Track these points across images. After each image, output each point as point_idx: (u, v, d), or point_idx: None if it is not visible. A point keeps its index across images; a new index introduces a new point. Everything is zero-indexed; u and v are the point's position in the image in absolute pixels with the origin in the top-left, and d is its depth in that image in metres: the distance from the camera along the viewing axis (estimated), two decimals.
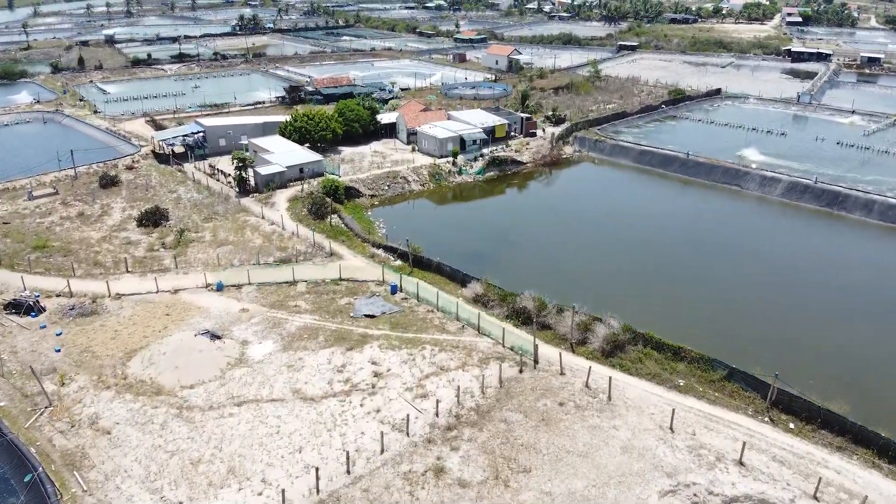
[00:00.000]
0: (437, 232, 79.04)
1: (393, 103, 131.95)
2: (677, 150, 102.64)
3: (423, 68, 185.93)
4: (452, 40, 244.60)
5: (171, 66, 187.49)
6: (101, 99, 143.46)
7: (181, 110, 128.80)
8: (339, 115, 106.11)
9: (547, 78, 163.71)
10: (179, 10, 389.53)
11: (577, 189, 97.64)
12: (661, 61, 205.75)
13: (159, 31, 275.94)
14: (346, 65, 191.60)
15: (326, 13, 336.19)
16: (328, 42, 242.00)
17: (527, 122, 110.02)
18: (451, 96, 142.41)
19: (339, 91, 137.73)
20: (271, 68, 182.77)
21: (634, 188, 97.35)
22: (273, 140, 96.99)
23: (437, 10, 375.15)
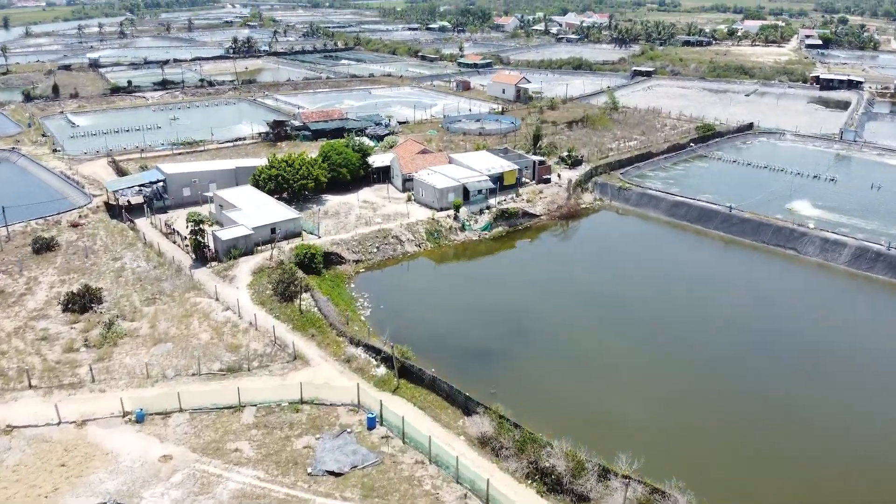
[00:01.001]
0: (433, 314, 64.37)
1: (389, 140, 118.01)
2: (717, 203, 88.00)
3: (424, 97, 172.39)
4: (456, 65, 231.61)
5: (154, 93, 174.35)
6: (68, 133, 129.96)
7: (150, 148, 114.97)
8: (324, 158, 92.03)
9: (558, 109, 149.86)
10: (176, 30, 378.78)
11: (602, 251, 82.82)
12: (680, 88, 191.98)
13: (150, 53, 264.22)
14: (341, 92, 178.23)
15: (326, 35, 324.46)
16: (325, 66, 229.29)
17: (540, 167, 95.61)
18: (453, 131, 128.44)
19: (330, 126, 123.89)
20: (260, 96, 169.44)
21: (668, 249, 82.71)
22: (243, 192, 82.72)
23: (441, 31, 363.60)
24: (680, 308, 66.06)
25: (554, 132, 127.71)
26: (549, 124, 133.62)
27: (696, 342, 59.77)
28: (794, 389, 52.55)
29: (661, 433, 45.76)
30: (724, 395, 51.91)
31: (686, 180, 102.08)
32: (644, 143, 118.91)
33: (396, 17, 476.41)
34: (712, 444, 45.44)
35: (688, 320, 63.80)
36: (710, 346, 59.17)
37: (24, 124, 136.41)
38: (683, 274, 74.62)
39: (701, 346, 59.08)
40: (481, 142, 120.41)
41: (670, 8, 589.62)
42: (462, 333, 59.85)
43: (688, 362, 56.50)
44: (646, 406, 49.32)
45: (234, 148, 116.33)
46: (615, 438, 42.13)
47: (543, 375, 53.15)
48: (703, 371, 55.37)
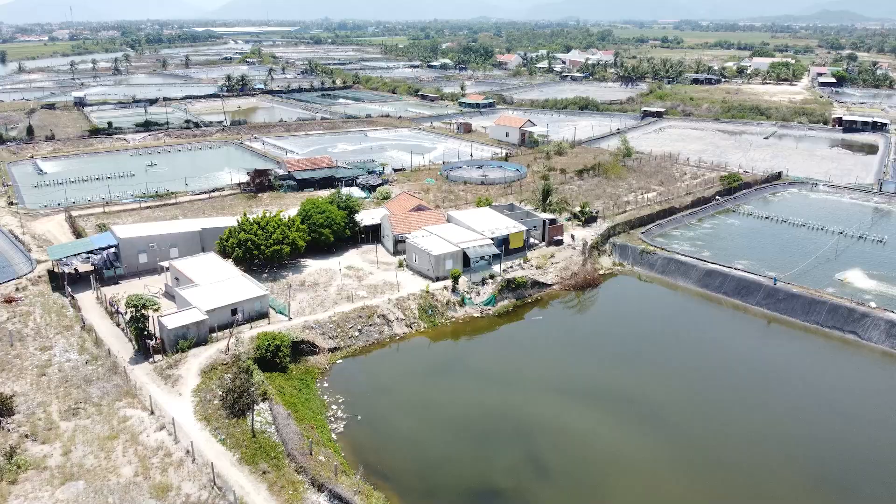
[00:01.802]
0: (423, 431, 51.82)
1: (382, 191, 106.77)
2: (758, 273, 75.96)
3: (423, 139, 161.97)
4: (457, 104, 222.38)
5: (136, 135, 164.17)
6: (33, 182, 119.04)
7: (117, 201, 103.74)
8: (304, 218, 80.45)
9: (567, 155, 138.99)
10: (173, 67, 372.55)
11: (625, 331, 70.44)
12: (693, 130, 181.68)
13: (141, 91, 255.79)
14: (335, 135, 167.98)
15: (325, 72, 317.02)
16: (321, 106, 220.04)
17: (550, 227, 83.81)
18: (453, 179, 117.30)
19: (318, 175, 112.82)
20: (249, 139, 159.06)
21: (704, 330, 70.50)
22: (205, 262, 70.95)
23: (443, 69, 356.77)
24: (723, 412, 53.63)
25: (563, 181, 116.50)
26: (557, 172, 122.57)
27: (747, 467, 47.20)
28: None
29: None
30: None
31: (716, 241, 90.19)
32: (664, 195, 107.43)
33: (398, 54, 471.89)
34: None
35: (735, 433, 51.28)
36: (764, 473, 46.61)
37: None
38: (723, 361, 62.23)
39: (753, 472, 46.51)
40: (484, 193, 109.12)
41: (673, 45, 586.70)
42: (460, 461, 47.33)
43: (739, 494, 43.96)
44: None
45: (210, 201, 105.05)
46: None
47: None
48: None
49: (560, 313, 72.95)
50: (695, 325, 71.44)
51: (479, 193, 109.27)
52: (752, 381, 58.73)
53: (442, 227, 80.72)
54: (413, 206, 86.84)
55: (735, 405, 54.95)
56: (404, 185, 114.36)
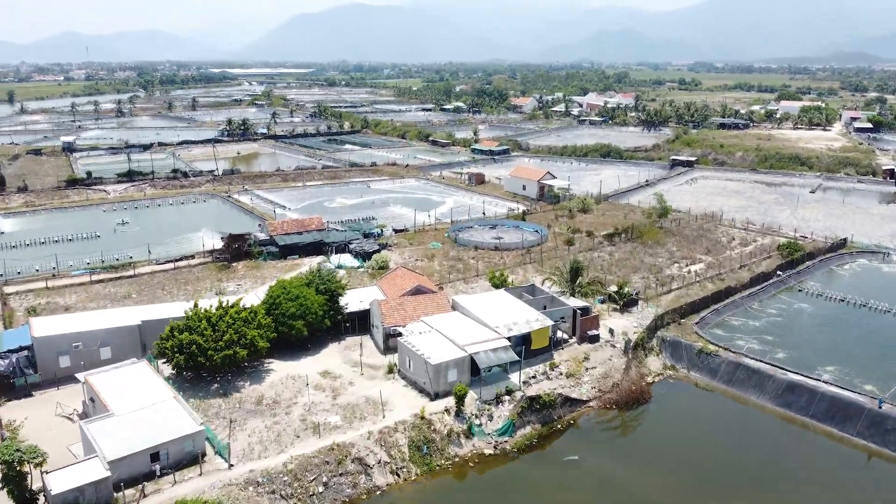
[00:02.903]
0: None
1: (379, 259, 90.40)
2: (856, 391, 58.15)
3: (430, 191, 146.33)
4: (469, 151, 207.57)
5: (117, 186, 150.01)
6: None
7: (65, 273, 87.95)
8: (271, 308, 63.94)
9: (592, 212, 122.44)
10: (181, 108, 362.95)
11: (688, 473, 52.56)
12: (728, 181, 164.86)
13: (139, 135, 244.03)
14: (336, 186, 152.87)
15: (333, 116, 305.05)
16: (326, 152, 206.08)
17: (583, 319, 66.51)
18: (462, 244, 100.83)
19: (305, 240, 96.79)
20: (239, 191, 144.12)
21: (787, 467, 52.44)
22: (130, 375, 54.34)
23: (456, 112, 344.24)
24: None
25: (590, 247, 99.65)
26: (583, 235, 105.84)
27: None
28: None
29: None
30: None
31: (788, 335, 72.47)
32: (713, 268, 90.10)
33: (411, 97, 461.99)
34: None
35: None
36: None
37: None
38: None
39: None
40: (498, 261, 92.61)
41: (691, 87, 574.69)
42: None
43: None
44: None
45: (175, 273, 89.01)
46: None
47: None
48: None
49: (601, 447, 55.18)
50: (775, 459, 53.44)
51: (493, 262, 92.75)
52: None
53: (445, 319, 63.85)
54: (410, 288, 70.13)
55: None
56: (405, 251, 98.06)
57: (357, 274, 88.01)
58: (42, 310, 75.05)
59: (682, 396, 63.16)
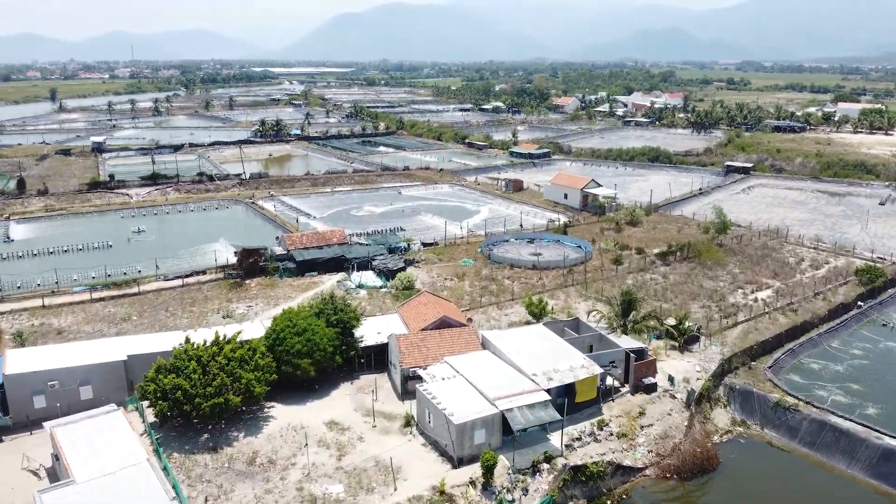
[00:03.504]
0: None
1: (404, 277, 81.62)
2: None
3: (464, 199, 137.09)
4: (508, 154, 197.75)
5: (140, 189, 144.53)
6: None
7: (65, 289, 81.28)
8: (274, 343, 55.60)
9: (642, 225, 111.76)
10: (219, 108, 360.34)
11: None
12: (788, 190, 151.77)
13: (172, 135, 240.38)
14: (365, 193, 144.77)
15: (369, 116, 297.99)
16: (358, 154, 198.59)
17: (638, 364, 56.39)
18: (496, 261, 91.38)
19: (325, 255, 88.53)
20: (264, 197, 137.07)
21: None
22: (102, 429, 46.34)
23: (495, 112, 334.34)
24: None
25: (641, 267, 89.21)
26: (632, 252, 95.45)
27: None
28: None
29: None
30: None
31: (879, 383, 61.35)
32: (783, 295, 78.88)
33: (449, 97, 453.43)
34: None
35: None
36: None
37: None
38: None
39: None
40: (536, 281, 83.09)
41: (740, 87, 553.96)
42: None
43: None
44: None
45: (182, 291, 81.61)
46: None
47: None
48: None
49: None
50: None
51: (530, 283, 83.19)
52: None
53: (473, 361, 54.61)
54: (435, 319, 61.03)
55: None
56: (434, 268, 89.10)
57: (379, 295, 79.41)
58: (33, 333, 68.29)
59: (755, 460, 52.71)
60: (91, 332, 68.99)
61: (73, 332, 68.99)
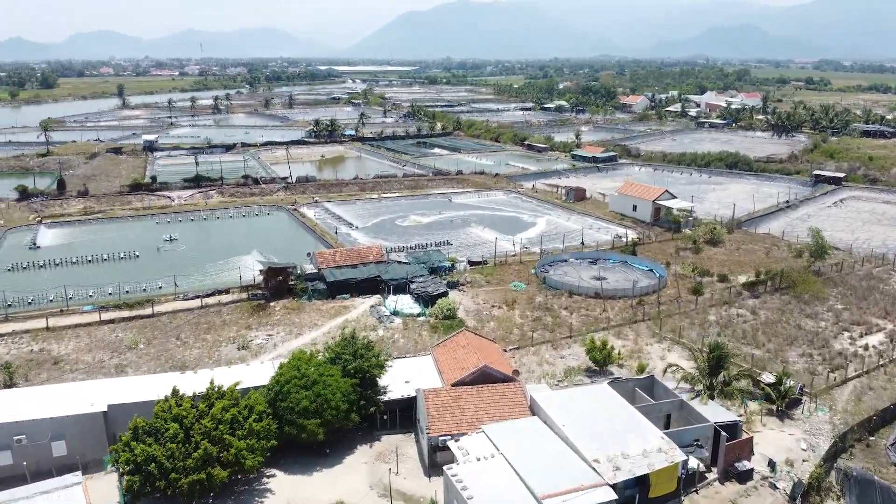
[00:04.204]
0: None
1: (444, 305, 71.33)
2: None
3: (520, 209, 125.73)
4: (570, 157, 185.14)
5: (182, 192, 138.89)
6: (16, 260, 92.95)
7: (74, 308, 74.25)
8: (277, 398, 46.10)
9: (723, 245, 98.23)
10: (280, 106, 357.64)
11: None
12: (887, 205, 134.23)
13: (228, 133, 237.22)
14: (413, 199, 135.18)
15: (426, 116, 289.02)
16: (411, 156, 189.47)
17: (730, 445, 44.19)
18: (552, 286, 79.98)
19: (358, 276, 78.99)
20: (307, 203, 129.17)
21: None
22: None
23: (558, 111, 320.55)
24: None
25: (725, 299, 76.24)
26: (713, 280, 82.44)
27: None
28: None
29: None
30: None
31: None
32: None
33: (511, 96, 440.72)
34: None
35: None
36: None
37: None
38: None
39: None
40: (599, 313, 71.50)
41: (820, 87, 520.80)
42: None
43: None
44: None
45: (200, 313, 73.44)
46: None
47: None
48: None
49: None
50: None
51: (592, 315, 71.63)
52: None
53: (518, 433, 43.76)
54: (474, 369, 50.34)
55: None
56: (480, 293, 78.45)
57: (415, 326, 69.32)
58: (27, 362, 61.10)
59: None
60: (90, 364, 61.39)
61: (71, 363, 61.52)
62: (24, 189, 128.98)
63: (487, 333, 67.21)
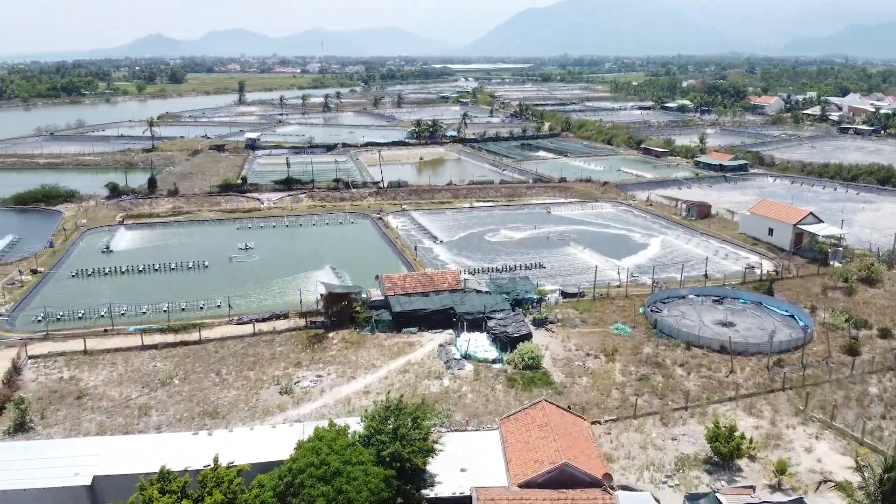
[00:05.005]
0: None
1: (526, 351, 58.77)
2: None
3: (631, 225, 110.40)
4: (693, 163, 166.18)
5: (272, 195, 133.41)
6: (83, 265, 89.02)
7: (120, 329, 67.61)
8: (287, 493, 35.41)
9: (882, 286, 79.26)
10: (390, 105, 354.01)
11: None
12: None
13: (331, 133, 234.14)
14: (508, 211, 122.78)
15: (534, 116, 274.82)
16: (513, 160, 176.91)
17: None
18: (665, 332, 65.32)
19: (428, 306, 67.79)
20: (395, 211, 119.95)
21: None
22: None
23: (680, 111, 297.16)
24: None
25: (889, 364, 58.81)
26: (871, 334, 64.88)
27: None
28: None
29: None
30: None
31: None
32: None
33: (629, 94, 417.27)
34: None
35: None
36: None
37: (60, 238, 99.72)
38: None
39: None
40: (725, 375, 56.53)
41: None
42: None
43: None
44: None
45: (251, 342, 64.75)
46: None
47: None
48: None
49: None
50: None
51: (715, 377, 56.78)
52: None
53: None
54: (550, 466, 37.56)
55: None
56: (573, 335, 65.17)
57: (489, 375, 57.22)
58: (49, 393, 54.52)
59: None
60: (115, 401, 53.84)
61: (95, 399, 54.22)
62: (115, 186, 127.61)
63: (578, 392, 54.36)
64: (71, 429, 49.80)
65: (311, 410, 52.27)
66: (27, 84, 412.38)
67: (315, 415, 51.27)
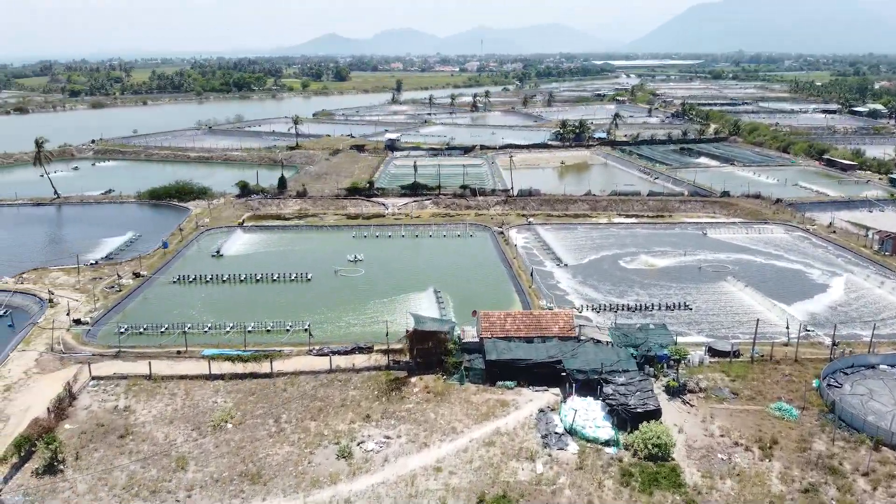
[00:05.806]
0: None
1: (650, 435, 45.24)
2: None
3: (808, 257, 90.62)
4: (887, 181, 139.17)
5: (398, 199, 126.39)
6: (196, 268, 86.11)
7: (191, 352, 61.76)
8: None
9: None
10: (540, 104, 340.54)
11: None
12: None
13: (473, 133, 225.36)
14: (654, 229, 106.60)
15: (699, 116, 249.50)
16: (668, 168, 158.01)
17: None
18: (845, 420, 48.53)
19: (530, 357, 55.51)
20: (519, 224, 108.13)
21: None
22: None
23: (871, 116, 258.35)
24: None
25: None
26: None
27: None
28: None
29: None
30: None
31: None
32: None
33: (811, 94, 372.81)
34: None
35: None
36: None
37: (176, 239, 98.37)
38: None
39: None
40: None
41: None
42: None
43: None
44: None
45: (322, 381, 56.19)
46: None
47: None
48: None
49: None
50: None
51: None
52: None
53: None
54: None
55: None
56: (718, 413, 50.27)
57: (597, 464, 44.31)
58: (95, 427, 49.26)
59: None
60: (158, 444, 47.38)
61: (138, 440, 48.03)
62: (245, 185, 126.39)
63: (718, 500, 40.14)
64: (99, 478, 43.69)
65: (366, 488, 42.54)
66: (202, 79, 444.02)
67: (369, 496, 41.52)
